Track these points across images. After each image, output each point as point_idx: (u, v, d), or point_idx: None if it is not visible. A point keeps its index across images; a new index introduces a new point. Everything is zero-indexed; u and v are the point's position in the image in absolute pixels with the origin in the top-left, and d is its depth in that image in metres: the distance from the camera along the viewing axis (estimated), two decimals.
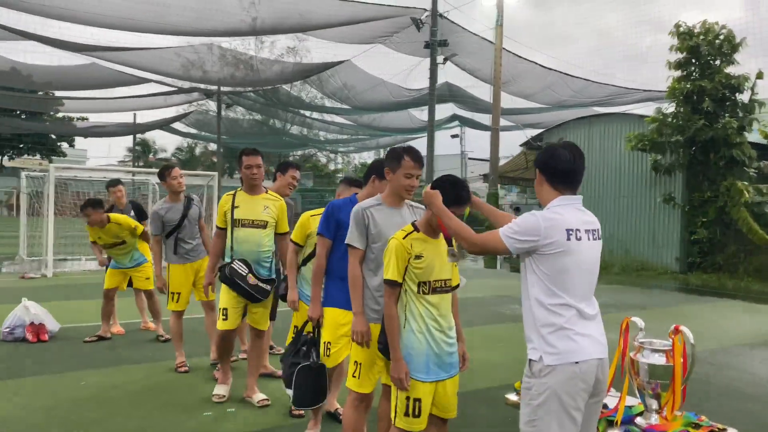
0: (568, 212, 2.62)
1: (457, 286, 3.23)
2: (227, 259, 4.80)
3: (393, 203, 3.50)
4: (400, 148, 3.46)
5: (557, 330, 2.51)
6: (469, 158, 49.30)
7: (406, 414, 3.02)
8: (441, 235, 3.10)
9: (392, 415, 3.09)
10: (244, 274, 4.67)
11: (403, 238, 3.06)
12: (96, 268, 13.92)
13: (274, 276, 4.87)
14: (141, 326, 7.65)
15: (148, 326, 7.56)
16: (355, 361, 3.37)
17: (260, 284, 4.72)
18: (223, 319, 4.77)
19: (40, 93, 35.70)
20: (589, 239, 2.63)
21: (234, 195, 4.89)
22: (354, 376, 3.37)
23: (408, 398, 3.01)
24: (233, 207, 4.79)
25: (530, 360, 2.56)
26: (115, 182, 8.02)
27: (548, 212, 2.60)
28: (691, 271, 15.05)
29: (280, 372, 4.82)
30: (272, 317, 5.10)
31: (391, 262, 3.03)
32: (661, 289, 12.97)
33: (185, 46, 23.04)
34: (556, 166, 2.67)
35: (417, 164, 3.39)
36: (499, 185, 21.13)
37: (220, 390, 4.95)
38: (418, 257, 3.02)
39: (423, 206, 3.49)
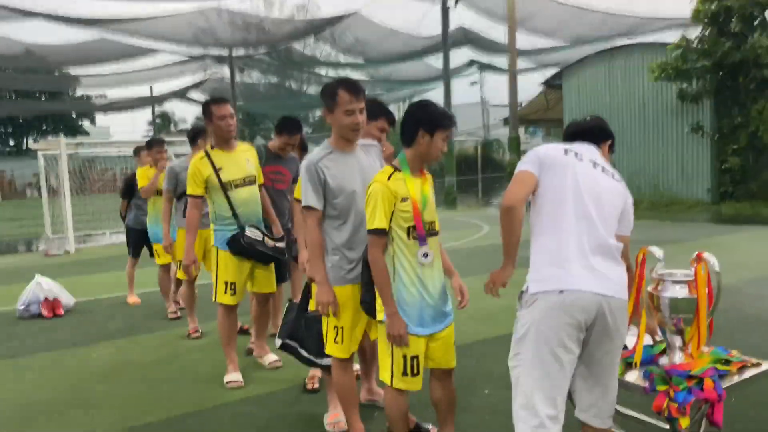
0: (570, 143, 2.52)
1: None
2: (225, 230, 4.32)
3: (344, 147, 3.13)
4: (333, 83, 3.10)
5: (548, 256, 2.27)
6: (491, 105, 48.28)
7: (405, 374, 2.78)
8: (422, 173, 2.87)
9: (387, 376, 2.84)
10: (261, 239, 4.31)
11: (387, 180, 2.76)
12: (119, 241, 14.10)
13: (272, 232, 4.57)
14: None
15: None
16: (335, 326, 3.11)
17: (277, 244, 4.41)
18: (232, 294, 4.31)
19: (57, 73, 35.88)
20: (594, 167, 2.41)
21: (208, 156, 4.30)
22: (336, 342, 3.12)
23: (405, 356, 2.77)
24: (216, 170, 4.27)
25: (521, 290, 2.34)
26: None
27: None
28: (724, 201, 14.50)
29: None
30: (284, 278, 4.83)
31: (376, 208, 2.72)
32: (693, 222, 12.51)
33: (194, 13, 22.71)
34: (567, 129, 2.64)
35: (355, 97, 3.01)
36: (522, 129, 20.60)
37: (236, 376, 4.43)
38: (404, 199, 2.73)
39: (374, 143, 3.26)
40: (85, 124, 51.91)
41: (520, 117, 20.33)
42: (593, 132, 2.58)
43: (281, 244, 4.45)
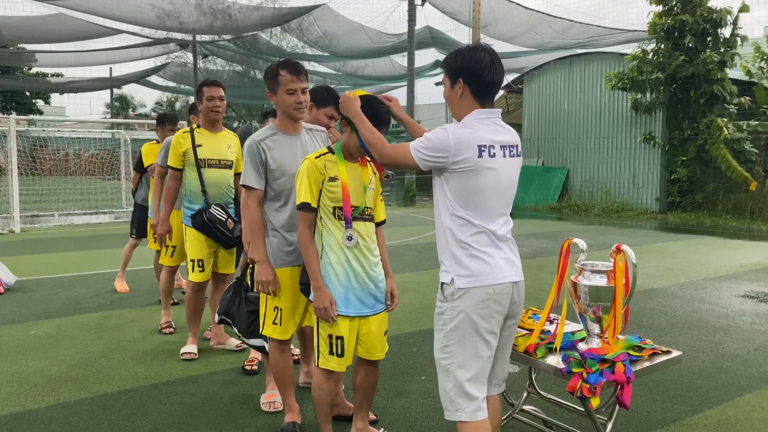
0: (484, 126, 2.34)
1: (383, 222, 3.02)
2: (197, 204, 4.40)
3: (289, 129, 3.17)
4: (274, 65, 3.13)
5: (470, 251, 2.32)
6: None
7: (331, 353, 2.81)
8: (362, 161, 2.87)
9: (315, 356, 2.88)
10: (224, 220, 4.35)
11: (316, 158, 2.81)
12: (67, 223, 13.82)
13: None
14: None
15: (181, 284, 6.55)
16: (275, 307, 3.12)
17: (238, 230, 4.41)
18: (200, 271, 4.40)
19: (11, 48, 34.68)
20: (505, 156, 2.37)
21: (191, 132, 4.44)
22: (275, 323, 3.12)
23: (330, 336, 2.80)
24: (195, 146, 4.38)
25: (442, 283, 2.38)
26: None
27: (460, 127, 2.33)
28: (671, 211, 15.00)
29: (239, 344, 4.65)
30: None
31: (303, 184, 2.77)
32: (640, 229, 12.91)
33: None
34: (480, 73, 2.33)
35: (296, 76, 3.07)
36: None
37: (192, 348, 4.58)
38: (332, 179, 2.78)
39: (322, 129, 3.32)
40: (39, 103, 50.30)
41: None
42: (501, 82, 2.43)
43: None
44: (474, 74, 2.34)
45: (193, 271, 4.42)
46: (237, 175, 4.55)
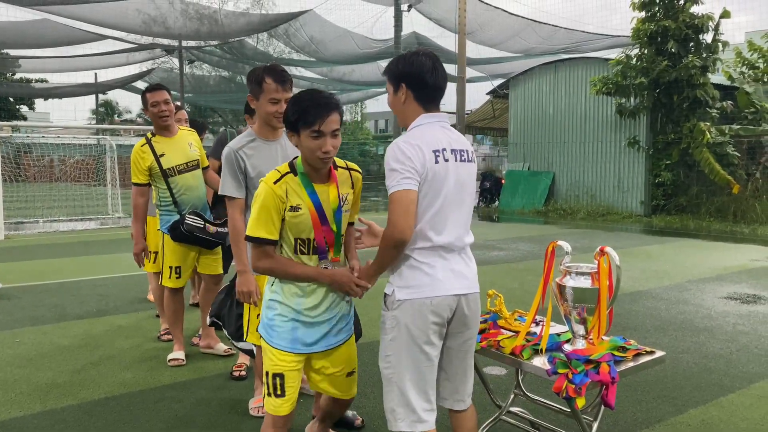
0: (431, 131, 2.31)
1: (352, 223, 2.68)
2: (169, 215, 4.34)
3: (268, 135, 3.09)
4: (260, 69, 3.01)
5: (410, 263, 2.31)
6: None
7: (269, 394, 2.49)
8: (331, 176, 2.48)
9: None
10: (202, 226, 4.31)
11: (275, 183, 2.39)
12: (52, 229, 13.71)
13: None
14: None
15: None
16: (258, 315, 2.91)
17: (219, 229, 4.40)
18: (177, 278, 4.39)
19: None
20: (456, 160, 2.32)
21: (149, 143, 4.30)
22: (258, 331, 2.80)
23: (267, 373, 2.49)
24: (157, 156, 4.27)
25: (385, 294, 2.37)
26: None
27: (408, 136, 2.27)
28: (656, 214, 15.15)
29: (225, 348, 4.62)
30: (226, 269, 4.80)
31: (260, 215, 2.35)
32: (625, 232, 13.04)
33: (144, 0, 22.18)
34: (423, 77, 2.30)
35: (281, 86, 2.99)
36: (470, 136, 21.00)
37: (179, 354, 4.52)
38: (294, 209, 2.39)
39: None
40: (24, 109, 49.86)
41: (467, 124, 20.70)
42: (445, 86, 2.37)
43: (223, 229, 4.43)
44: (416, 78, 2.33)
45: (169, 277, 4.40)
46: (203, 169, 4.51)
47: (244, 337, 3.23)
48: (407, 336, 2.30)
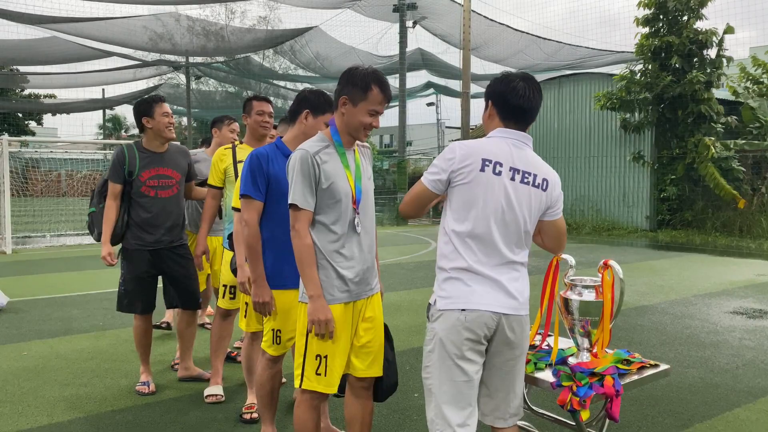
0: (496, 144, 2.37)
1: None
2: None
3: (345, 145, 2.69)
4: (365, 73, 2.60)
5: (453, 273, 2.33)
6: (446, 126, 49.08)
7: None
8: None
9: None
10: None
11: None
12: (59, 243, 13.79)
13: None
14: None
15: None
16: (318, 355, 2.64)
17: None
18: (231, 298, 4.03)
19: (4, 70, 34.75)
20: (514, 179, 2.33)
21: (233, 149, 4.11)
22: (318, 374, 2.64)
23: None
24: (236, 162, 4.05)
25: (428, 304, 2.42)
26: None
27: (469, 140, 2.40)
28: (661, 229, 15.13)
29: (208, 374, 4.31)
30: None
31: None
32: (631, 247, 13.02)
33: (149, 16, 22.43)
34: (510, 100, 2.39)
35: (386, 100, 2.65)
36: None
37: (217, 390, 4.13)
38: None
39: (367, 145, 2.88)
40: (32, 124, 50.28)
41: (472, 138, 20.75)
42: (536, 110, 2.43)
43: None
44: (500, 97, 2.43)
45: (223, 297, 4.05)
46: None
47: (299, 384, 2.71)
48: (442, 350, 2.32)
